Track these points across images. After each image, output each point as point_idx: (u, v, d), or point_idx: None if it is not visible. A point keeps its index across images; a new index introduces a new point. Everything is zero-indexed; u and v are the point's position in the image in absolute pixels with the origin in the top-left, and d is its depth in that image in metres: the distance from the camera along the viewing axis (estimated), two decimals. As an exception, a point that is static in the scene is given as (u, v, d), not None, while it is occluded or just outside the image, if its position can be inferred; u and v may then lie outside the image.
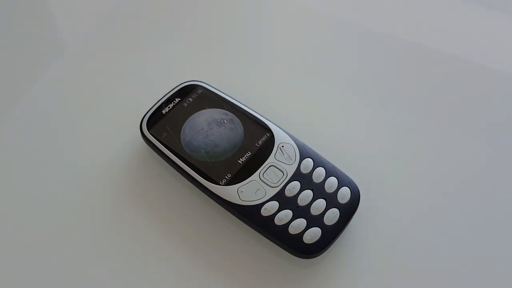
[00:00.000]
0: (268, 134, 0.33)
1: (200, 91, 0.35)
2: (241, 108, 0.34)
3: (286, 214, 0.29)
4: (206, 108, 0.34)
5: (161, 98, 0.35)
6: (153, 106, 0.35)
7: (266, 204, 0.30)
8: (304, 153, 0.32)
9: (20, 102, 0.39)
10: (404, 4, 0.45)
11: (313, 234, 0.29)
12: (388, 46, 0.42)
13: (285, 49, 0.42)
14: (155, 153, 0.34)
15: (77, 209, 0.33)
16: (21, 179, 0.35)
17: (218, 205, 0.32)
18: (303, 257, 0.29)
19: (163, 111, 0.34)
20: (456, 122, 0.37)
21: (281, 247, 0.30)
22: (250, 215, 0.30)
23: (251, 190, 0.30)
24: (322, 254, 0.30)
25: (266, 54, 0.41)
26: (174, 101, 0.35)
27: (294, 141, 0.32)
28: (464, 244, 0.31)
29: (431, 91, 0.39)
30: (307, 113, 0.37)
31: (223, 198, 0.30)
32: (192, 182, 0.32)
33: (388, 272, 0.31)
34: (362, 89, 0.39)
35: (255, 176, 0.31)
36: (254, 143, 0.32)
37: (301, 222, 0.29)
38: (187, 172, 0.32)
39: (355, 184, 0.31)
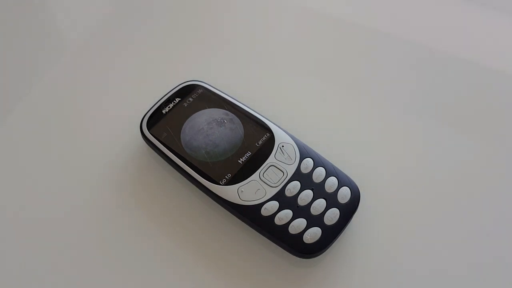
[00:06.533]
0: (268, 134, 0.33)
1: (200, 91, 0.35)
2: (241, 108, 0.34)
3: (286, 214, 0.29)
4: (206, 108, 0.34)
5: (161, 98, 0.35)
6: (153, 106, 0.35)
7: (266, 204, 0.30)
8: (304, 153, 0.32)
9: (20, 102, 0.39)
10: (403, 3, 0.45)
11: (313, 234, 0.29)
12: (388, 45, 0.42)
13: (285, 49, 0.42)
14: (155, 153, 0.34)
15: (76, 209, 0.33)
16: (21, 179, 0.35)
17: (218, 205, 0.32)
18: (303, 257, 0.29)
19: (163, 111, 0.34)
20: (457, 122, 0.37)
21: (281, 247, 0.30)
22: (250, 215, 0.30)
23: (251, 190, 0.30)
24: (322, 254, 0.30)
25: (266, 54, 0.41)
26: (174, 101, 0.35)
27: (294, 141, 0.32)
28: (464, 244, 0.31)
29: (432, 92, 0.39)
30: (307, 113, 0.37)
31: (223, 198, 0.30)
32: (192, 182, 0.32)
33: (388, 272, 0.31)
34: (363, 89, 0.39)
35: (255, 176, 0.31)
36: (254, 143, 0.32)
37: (301, 222, 0.29)
38: (187, 172, 0.32)
39: (355, 184, 0.31)
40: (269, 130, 0.33)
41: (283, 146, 0.32)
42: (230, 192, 0.30)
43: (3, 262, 0.31)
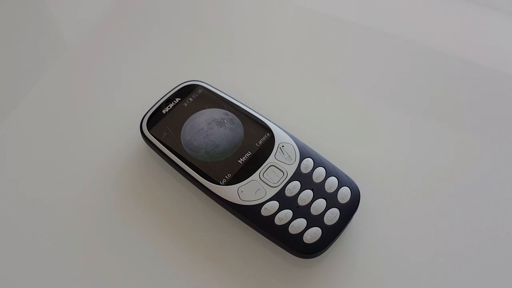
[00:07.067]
0: (268, 134, 0.33)
1: (200, 91, 0.35)
2: (241, 108, 0.34)
3: (286, 214, 0.29)
4: (206, 108, 0.34)
5: (161, 98, 0.35)
6: (153, 106, 0.35)
7: (266, 204, 0.30)
8: (304, 153, 0.32)
9: (20, 102, 0.39)
10: (400, 2, 0.45)
11: (313, 234, 0.29)
12: (386, 43, 0.42)
13: (285, 49, 0.42)
14: (155, 153, 0.34)
15: (77, 210, 0.33)
16: (22, 180, 0.35)
17: (218, 205, 0.32)
18: (303, 257, 0.29)
19: (163, 111, 0.34)
20: (456, 122, 0.37)
21: (281, 247, 0.30)
22: (250, 215, 0.30)
23: (251, 190, 0.30)
24: (322, 254, 0.30)
25: (266, 54, 0.41)
26: (174, 101, 0.35)
27: (294, 141, 0.32)
28: (464, 244, 0.31)
29: (431, 91, 0.39)
30: (307, 112, 0.37)
31: (223, 198, 0.30)
32: (192, 182, 0.32)
33: (388, 272, 0.31)
34: (362, 89, 0.39)
35: (255, 176, 0.31)
36: (254, 143, 0.32)
37: (301, 222, 0.29)
38: (187, 172, 0.32)
39: (355, 184, 0.31)
40: (269, 130, 0.33)
41: (283, 146, 0.32)
42: (230, 192, 0.30)
43: (2, 261, 0.32)
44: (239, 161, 0.32)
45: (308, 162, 0.31)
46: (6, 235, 0.33)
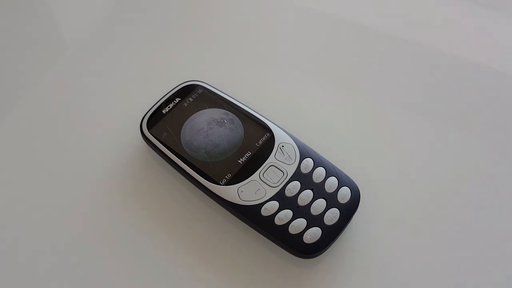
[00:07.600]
0: (268, 134, 0.33)
1: (200, 91, 0.35)
2: (241, 108, 0.34)
3: (286, 214, 0.29)
4: (206, 108, 0.34)
5: (161, 98, 0.35)
6: (153, 106, 0.35)
7: (266, 204, 0.30)
8: (304, 153, 0.32)
9: (20, 102, 0.39)
10: (402, 3, 0.45)
11: (313, 234, 0.29)
12: (389, 45, 0.42)
13: (285, 49, 0.42)
14: (155, 153, 0.34)
15: (77, 209, 0.33)
16: (22, 181, 0.35)
17: (218, 205, 0.32)
18: (303, 257, 0.29)
19: (163, 111, 0.34)
20: (456, 122, 0.37)
21: (281, 247, 0.30)
22: (250, 215, 0.30)
23: (251, 190, 0.30)
24: (322, 254, 0.30)
25: (266, 54, 0.41)
26: (174, 101, 0.35)
27: (294, 141, 0.32)
28: (464, 244, 0.31)
29: (430, 91, 0.39)
30: (307, 113, 0.37)
31: (223, 198, 0.30)
32: (192, 182, 0.32)
33: (388, 272, 0.31)
34: (362, 90, 0.39)
35: (255, 176, 0.31)
36: (254, 143, 0.32)
37: (301, 222, 0.29)
38: (187, 172, 0.32)
39: (355, 184, 0.31)
40: (269, 130, 0.33)
41: (283, 146, 0.32)
42: (230, 192, 0.30)
43: (5, 260, 0.32)
44: (239, 161, 0.32)
45: (308, 162, 0.31)
46: (6, 236, 0.33)
